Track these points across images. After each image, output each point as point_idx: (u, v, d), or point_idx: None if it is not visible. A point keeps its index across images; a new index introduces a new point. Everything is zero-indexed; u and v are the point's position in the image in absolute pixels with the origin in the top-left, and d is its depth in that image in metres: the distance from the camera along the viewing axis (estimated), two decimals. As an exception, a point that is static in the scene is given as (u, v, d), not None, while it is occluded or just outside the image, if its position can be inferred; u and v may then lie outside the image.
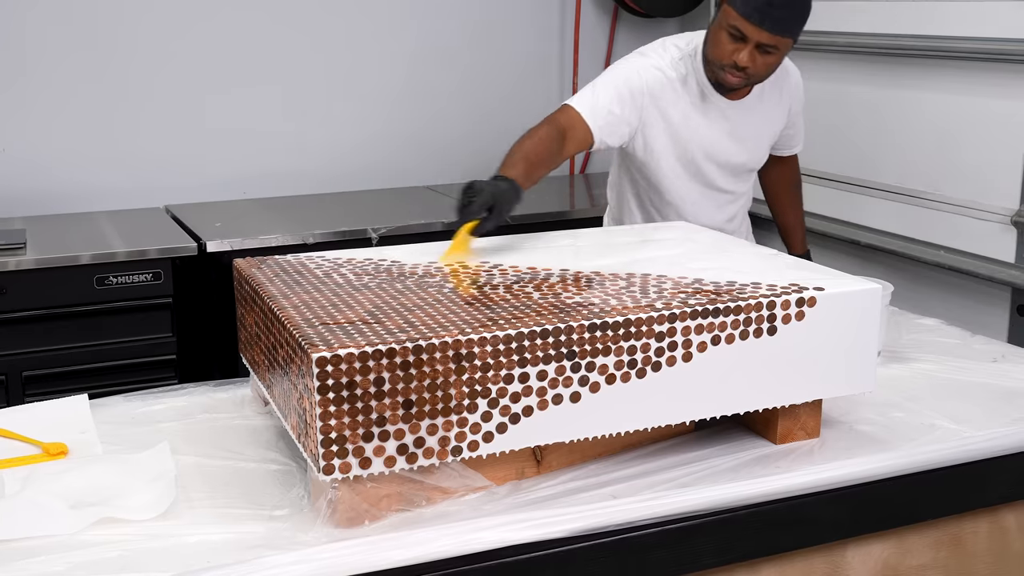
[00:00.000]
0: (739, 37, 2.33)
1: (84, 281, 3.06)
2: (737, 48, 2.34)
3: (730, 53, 2.35)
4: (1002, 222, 2.97)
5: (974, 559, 1.84)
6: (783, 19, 2.30)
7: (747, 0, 2.30)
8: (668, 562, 1.59)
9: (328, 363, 1.42)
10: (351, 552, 1.44)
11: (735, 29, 2.32)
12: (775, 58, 2.38)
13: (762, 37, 2.31)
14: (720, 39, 2.36)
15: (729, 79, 2.40)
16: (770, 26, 2.30)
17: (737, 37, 2.33)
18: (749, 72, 2.37)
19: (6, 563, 1.42)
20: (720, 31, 2.36)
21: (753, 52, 2.33)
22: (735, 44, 2.34)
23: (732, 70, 2.37)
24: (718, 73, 2.41)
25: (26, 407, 2.02)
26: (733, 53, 2.34)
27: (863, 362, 1.76)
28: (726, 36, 2.34)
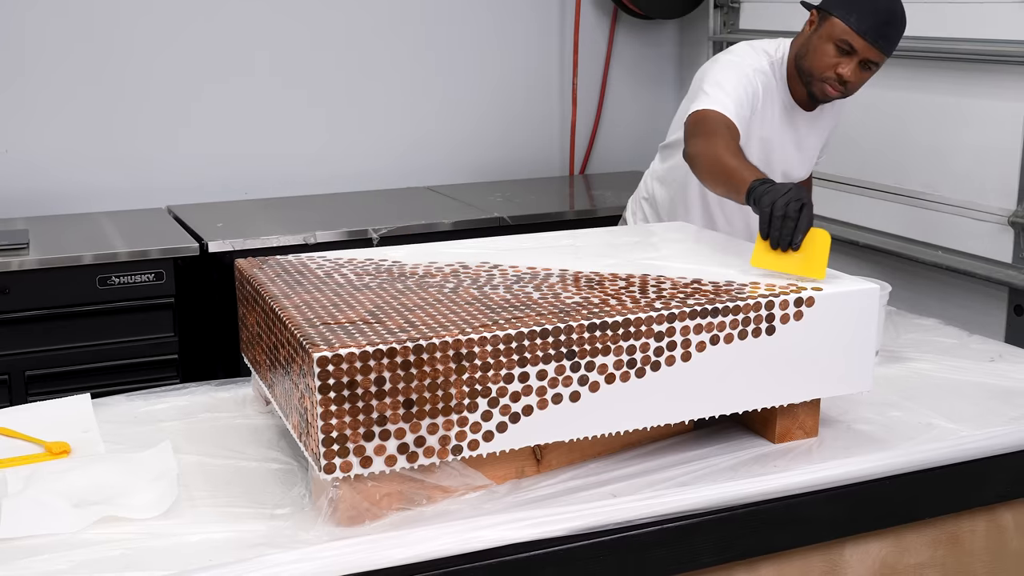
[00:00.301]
0: (847, 51, 2.32)
1: (86, 281, 3.06)
2: (842, 62, 2.33)
3: (834, 66, 2.34)
4: (999, 223, 2.97)
5: (972, 558, 1.84)
6: (893, 39, 2.33)
7: (864, 17, 2.29)
8: (667, 560, 1.59)
9: (329, 362, 1.42)
10: (352, 550, 1.44)
11: (845, 43, 2.31)
12: (871, 75, 2.39)
13: (871, 54, 2.31)
14: (825, 51, 2.34)
15: (828, 91, 2.39)
16: (883, 45, 2.31)
17: (845, 51, 2.32)
18: (849, 87, 2.37)
19: (9, 561, 1.43)
20: (826, 43, 2.34)
21: (857, 67, 2.33)
22: (840, 58, 2.33)
23: (834, 83, 2.36)
24: (815, 84, 2.40)
25: (29, 406, 2.02)
26: (838, 66, 2.33)
27: (861, 362, 1.76)
28: (833, 49, 2.33)
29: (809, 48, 2.38)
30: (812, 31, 2.38)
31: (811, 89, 2.42)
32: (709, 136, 2.21)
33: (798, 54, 2.42)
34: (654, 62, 4.47)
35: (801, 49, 2.41)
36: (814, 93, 2.42)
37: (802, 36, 2.42)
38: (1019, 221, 2.89)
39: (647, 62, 4.47)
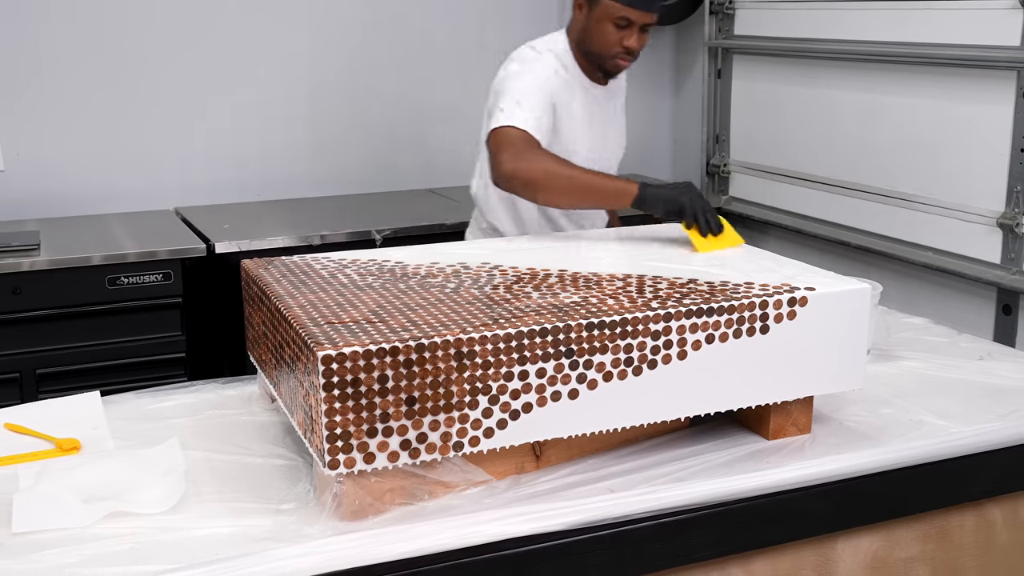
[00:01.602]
0: (626, 25, 2.42)
1: (96, 281, 3.06)
2: (624, 35, 2.43)
3: (619, 41, 2.43)
4: (988, 224, 2.97)
5: (961, 552, 1.84)
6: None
7: None
8: (664, 554, 1.59)
9: (333, 361, 1.42)
10: (356, 544, 1.44)
11: (623, 19, 2.41)
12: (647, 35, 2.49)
13: (646, 19, 2.43)
14: (606, 31, 2.43)
15: (621, 64, 2.48)
16: (655, 6, 2.44)
17: (623, 26, 2.42)
18: (637, 54, 2.48)
19: (21, 555, 1.43)
20: (604, 24, 2.42)
21: (639, 35, 2.44)
22: (622, 32, 2.42)
23: (624, 56, 2.46)
24: (608, 63, 2.48)
25: (40, 404, 2.02)
26: (622, 40, 2.43)
27: (853, 360, 1.76)
28: (612, 27, 2.42)
29: (590, 33, 2.46)
30: (586, 16, 2.46)
31: (605, 67, 2.50)
32: (531, 155, 2.24)
33: (579, 40, 2.49)
34: (651, 67, 4.47)
35: (581, 35, 2.48)
36: (608, 70, 2.51)
37: (577, 23, 2.49)
38: (1007, 223, 2.90)
39: (644, 67, 4.45)
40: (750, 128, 3.94)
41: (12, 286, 2.97)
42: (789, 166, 3.73)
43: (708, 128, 4.07)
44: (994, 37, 2.88)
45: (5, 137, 3.57)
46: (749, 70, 3.90)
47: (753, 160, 3.92)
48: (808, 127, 3.62)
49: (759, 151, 3.89)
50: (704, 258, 1.94)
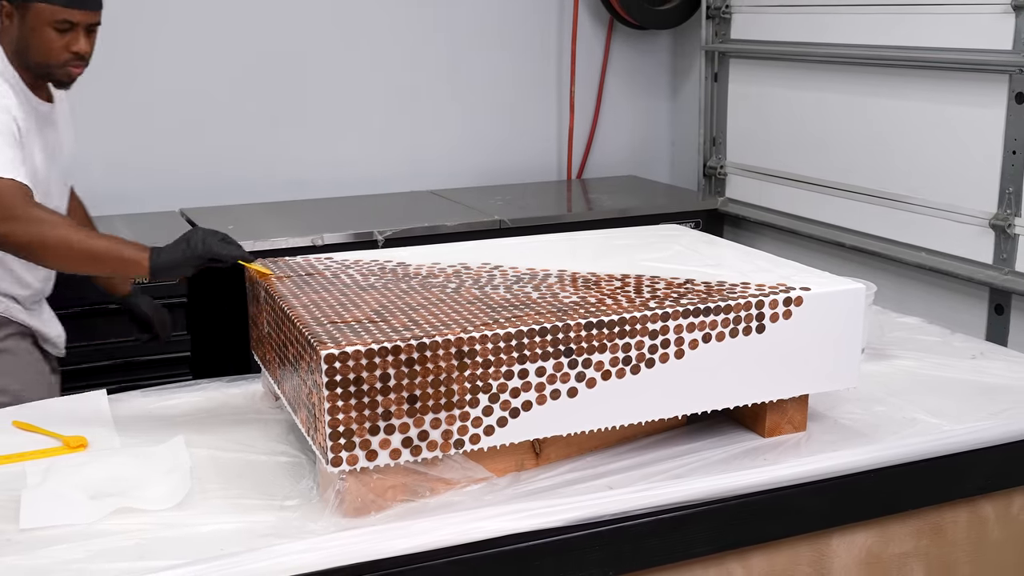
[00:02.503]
0: (68, 28, 2.13)
1: (103, 281, 3.05)
2: (70, 39, 2.14)
3: (65, 47, 2.14)
4: (980, 225, 2.97)
5: (954, 547, 1.84)
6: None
7: None
8: (661, 550, 1.59)
9: (336, 360, 1.42)
10: (358, 540, 1.44)
11: (63, 23, 2.12)
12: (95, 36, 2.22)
13: (90, 18, 2.16)
14: (47, 38, 2.12)
15: (73, 72, 2.20)
16: (94, 5, 2.16)
17: (66, 29, 2.13)
18: (86, 59, 2.20)
19: (29, 551, 1.43)
20: (43, 30, 2.12)
21: (87, 37, 2.18)
22: (66, 36, 2.13)
23: (75, 62, 2.18)
24: (57, 72, 2.18)
25: (47, 402, 2.02)
26: (69, 45, 2.15)
27: (848, 359, 1.76)
28: (53, 34, 2.12)
29: (28, 43, 2.14)
30: (18, 24, 2.13)
31: (55, 77, 2.20)
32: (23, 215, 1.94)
33: (18, 52, 2.16)
34: (649, 71, 4.47)
35: (18, 46, 2.15)
36: (60, 80, 2.22)
37: (8, 33, 2.15)
38: (999, 224, 2.89)
39: (642, 71, 4.47)
40: (746, 130, 3.93)
41: (20, 286, 2.97)
42: (785, 168, 3.72)
43: (705, 130, 4.07)
44: (986, 41, 2.88)
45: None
46: (745, 73, 3.90)
47: (749, 162, 3.92)
48: (803, 130, 3.62)
49: (755, 153, 3.89)
50: (701, 259, 1.94)
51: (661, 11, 4.21)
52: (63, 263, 2.01)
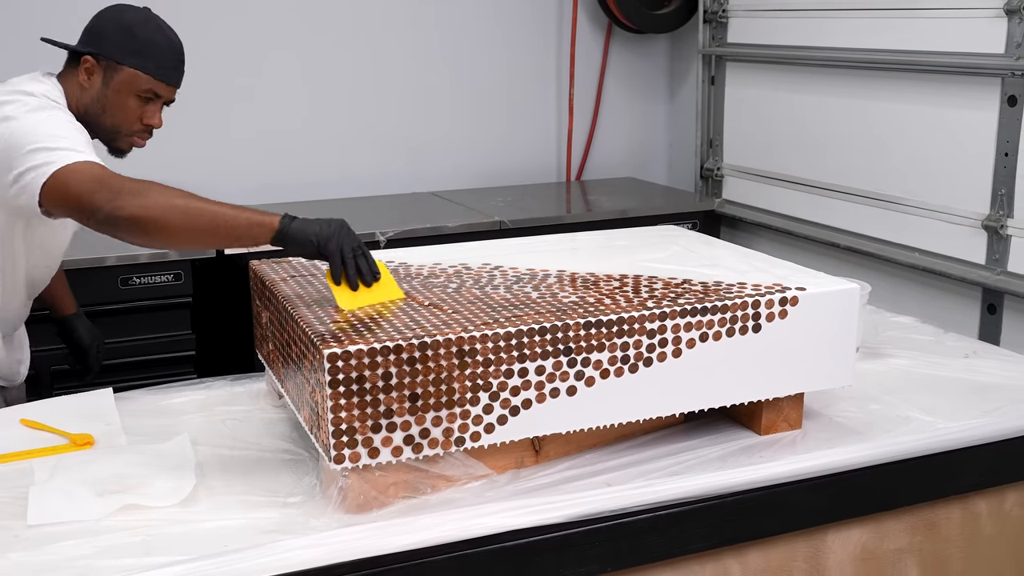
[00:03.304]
0: (150, 99, 2.03)
1: (109, 281, 3.06)
2: (147, 110, 2.03)
3: (140, 117, 2.03)
4: (973, 226, 2.97)
5: (947, 543, 1.84)
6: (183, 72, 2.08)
7: (161, 62, 2.01)
8: (659, 546, 1.59)
9: (339, 359, 1.42)
10: (360, 536, 1.44)
11: (149, 93, 2.01)
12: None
13: (173, 94, 2.07)
14: (129, 105, 2.01)
15: (137, 143, 2.08)
16: (179, 81, 2.07)
17: (148, 99, 2.02)
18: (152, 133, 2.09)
19: (37, 547, 1.43)
20: (127, 97, 2.00)
21: (160, 110, 2.08)
22: (145, 107, 2.02)
23: (143, 134, 2.07)
24: (122, 141, 2.06)
25: (54, 400, 2.02)
26: (144, 116, 2.03)
27: (842, 358, 1.76)
28: (136, 102, 2.01)
29: (105, 104, 2.00)
30: (102, 84, 2.00)
31: (117, 145, 2.07)
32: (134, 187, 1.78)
33: (91, 111, 2.01)
34: (647, 74, 4.47)
35: (95, 106, 2.01)
36: (121, 148, 2.08)
37: (88, 90, 2.01)
38: (992, 225, 2.89)
39: (640, 74, 4.47)
40: (743, 133, 3.93)
41: (28, 286, 2.97)
42: (781, 170, 3.72)
43: (702, 133, 4.07)
44: (979, 45, 2.88)
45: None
46: (742, 77, 3.90)
47: (746, 164, 3.92)
48: (799, 132, 3.62)
49: (752, 155, 3.89)
50: (698, 259, 1.94)
51: (659, 15, 4.21)
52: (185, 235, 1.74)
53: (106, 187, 1.77)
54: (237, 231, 1.69)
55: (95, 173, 1.79)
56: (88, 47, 2.01)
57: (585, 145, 4.41)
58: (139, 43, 2.00)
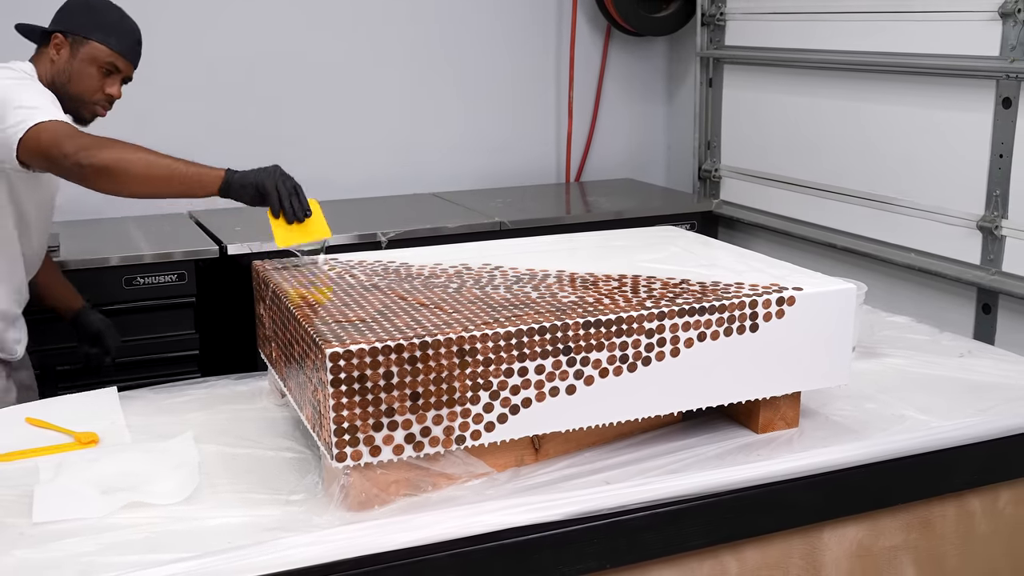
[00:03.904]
0: (110, 72, 2.27)
1: (114, 281, 3.05)
2: (108, 81, 2.27)
3: (102, 87, 2.26)
4: (968, 227, 2.97)
5: (942, 540, 1.84)
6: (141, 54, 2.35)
7: (123, 38, 2.28)
8: (657, 543, 1.59)
9: (341, 358, 1.42)
10: (362, 534, 1.44)
11: (111, 65, 2.25)
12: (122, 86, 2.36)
13: (131, 70, 2.33)
14: (91, 75, 2.24)
15: (99, 111, 2.30)
16: (136, 60, 2.33)
17: (109, 72, 2.26)
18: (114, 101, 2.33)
19: (42, 544, 1.43)
20: (89, 67, 2.23)
21: (119, 84, 2.32)
22: (106, 78, 2.26)
23: (104, 103, 2.30)
24: (86, 107, 2.27)
25: (59, 399, 2.02)
26: (106, 87, 2.27)
27: (839, 357, 1.76)
28: (97, 71, 2.24)
29: (71, 75, 2.24)
30: (68, 57, 2.24)
31: (80, 113, 2.28)
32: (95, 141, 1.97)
33: (57, 81, 2.23)
34: (645, 76, 4.47)
35: (61, 76, 2.24)
36: (84, 116, 2.29)
37: (55, 63, 2.24)
38: (987, 225, 2.89)
39: (638, 76, 4.46)
40: (740, 134, 3.93)
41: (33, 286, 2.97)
42: (778, 171, 3.72)
43: (700, 134, 4.07)
44: (974, 47, 2.88)
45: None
46: (739, 79, 3.90)
47: (743, 165, 3.92)
48: (796, 134, 3.62)
49: (749, 156, 3.89)
50: (696, 260, 1.93)
51: (657, 18, 4.21)
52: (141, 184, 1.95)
53: (74, 139, 1.98)
54: (189, 181, 1.95)
55: (65, 129, 2.02)
56: (58, 25, 2.28)
57: (584, 147, 4.40)
58: (103, 21, 2.27)
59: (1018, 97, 2.78)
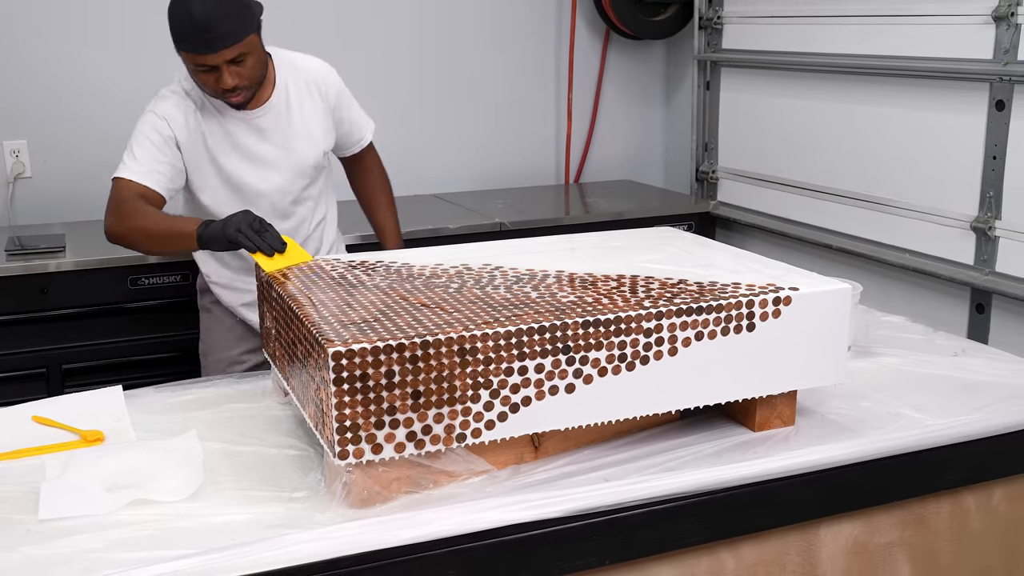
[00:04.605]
0: (208, 69, 2.22)
1: (118, 282, 3.06)
2: (215, 77, 2.23)
3: (214, 83, 2.25)
4: (962, 227, 2.97)
5: (937, 537, 1.84)
6: (227, 32, 2.18)
7: (184, 39, 2.19)
8: (655, 540, 1.59)
9: (343, 357, 1.42)
10: (364, 530, 1.44)
11: (201, 65, 2.21)
12: (254, 57, 2.27)
13: (224, 56, 2.19)
14: (200, 79, 2.26)
15: (234, 100, 2.30)
16: (218, 43, 2.17)
17: (207, 69, 2.22)
18: (243, 85, 2.27)
19: (48, 540, 1.43)
20: (195, 73, 2.26)
21: (229, 70, 2.22)
22: (211, 75, 2.23)
23: (228, 94, 2.27)
24: (223, 101, 2.32)
25: (66, 397, 2.02)
26: (216, 82, 2.24)
27: (834, 356, 1.76)
28: (201, 74, 2.25)
29: (196, 83, 2.31)
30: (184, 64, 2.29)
31: (227, 104, 2.33)
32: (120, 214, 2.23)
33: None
34: (643, 79, 4.47)
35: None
36: (232, 105, 2.33)
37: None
38: (980, 226, 2.90)
39: (637, 79, 4.47)
40: (737, 136, 3.93)
41: (39, 286, 2.97)
42: (774, 172, 3.73)
43: (697, 136, 4.07)
44: (967, 50, 2.88)
45: (33, 146, 3.57)
46: (736, 82, 3.90)
47: (740, 167, 3.92)
48: (792, 136, 3.62)
49: (746, 158, 3.89)
50: (693, 260, 1.93)
51: (655, 22, 4.21)
52: (147, 247, 2.33)
53: (110, 207, 2.27)
54: (179, 243, 2.16)
55: (114, 193, 2.28)
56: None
57: (583, 148, 4.41)
58: (173, 29, 2.22)
59: (1011, 99, 2.78)
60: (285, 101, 2.45)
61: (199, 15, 2.14)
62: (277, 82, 2.44)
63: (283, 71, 2.46)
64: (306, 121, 2.48)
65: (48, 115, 3.56)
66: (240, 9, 2.21)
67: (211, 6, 2.15)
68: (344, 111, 2.59)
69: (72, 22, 3.54)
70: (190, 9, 2.15)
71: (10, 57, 3.49)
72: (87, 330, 3.05)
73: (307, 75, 2.51)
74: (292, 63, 2.51)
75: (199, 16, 2.14)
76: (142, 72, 3.65)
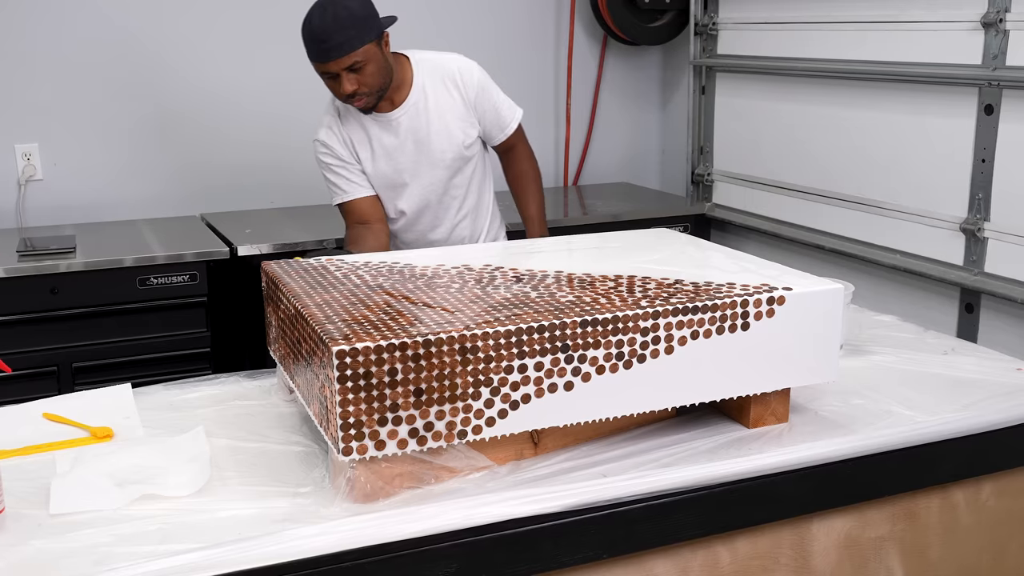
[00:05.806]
0: (333, 76, 2.35)
1: (127, 282, 3.06)
2: (338, 84, 2.36)
3: (340, 91, 2.37)
4: (952, 229, 2.97)
5: (927, 531, 1.84)
6: (341, 42, 2.30)
7: (308, 49, 2.34)
8: (652, 534, 1.59)
9: (347, 355, 1.42)
10: (367, 525, 1.44)
11: (325, 75, 2.36)
12: (374, 65, 2.36)
13: (343, 64, 2.32)
14: (328, 86, 2.41)
15: (357, 105, 2.42)
16: (336, 54, 2.31)
17: (332, 76, 2.35)
18: (363, 92, 2.39)
19: (58, 534, 1.43)
20: (324, 80, 2.40)
21: (350, 77, 2.35)
22: (335, 82, 2.37)
23: (351, 99, 2.40)
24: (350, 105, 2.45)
25: (76, 395, 2.01)
26: (341, 89, 2.37)
27: (827, 354, 1.76)
28: (328, 82, 2.38)
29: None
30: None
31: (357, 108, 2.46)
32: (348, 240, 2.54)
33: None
34: (640, 84, 4.48)
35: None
36: (360, 109, 2.46)
37: None
38: (970, 228, 2.90)
39: (634, 84, 4.47)
40: (732, 140, 3.94)
41: (50, 286, 2.97)
42: (768, 175, 3.73)
43: (693, 140, 4.07)
44: (957, 56, 2.88)
45: (44, 149, 3.57)
46: (731, 86, 3.90)
47: (735, 169, 3.92)
48: (786, 139, 3.62)
49: (741, 161, 3.89)
50: (689, 260, 1.94)
51: (652, 28, 4.21)
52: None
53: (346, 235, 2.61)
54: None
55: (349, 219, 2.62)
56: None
57: (582, 152, 4.41)
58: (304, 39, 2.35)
59: (1000, 104, 2.78)
60: (423, 101, 2.54)
61: (317, 27, 2.31)
62: (415, 83, 2.53)
63: (422, 72, 2.55)
64: (443, 116, 2.56)
65: (58, 120, 3.56)
66: (355, 21, 2.32)
67: (328, 19, 2.30)
68: (486, 102, 2.64)
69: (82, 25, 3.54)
70: (311, 22, 2.32)
71: (20, 61, 3.49)
72: (97, 329, 3.05)
73: (444, 72, 2.58)
74: (431, 62, 2.58)
75: (316, 28, 2.31)
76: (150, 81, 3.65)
